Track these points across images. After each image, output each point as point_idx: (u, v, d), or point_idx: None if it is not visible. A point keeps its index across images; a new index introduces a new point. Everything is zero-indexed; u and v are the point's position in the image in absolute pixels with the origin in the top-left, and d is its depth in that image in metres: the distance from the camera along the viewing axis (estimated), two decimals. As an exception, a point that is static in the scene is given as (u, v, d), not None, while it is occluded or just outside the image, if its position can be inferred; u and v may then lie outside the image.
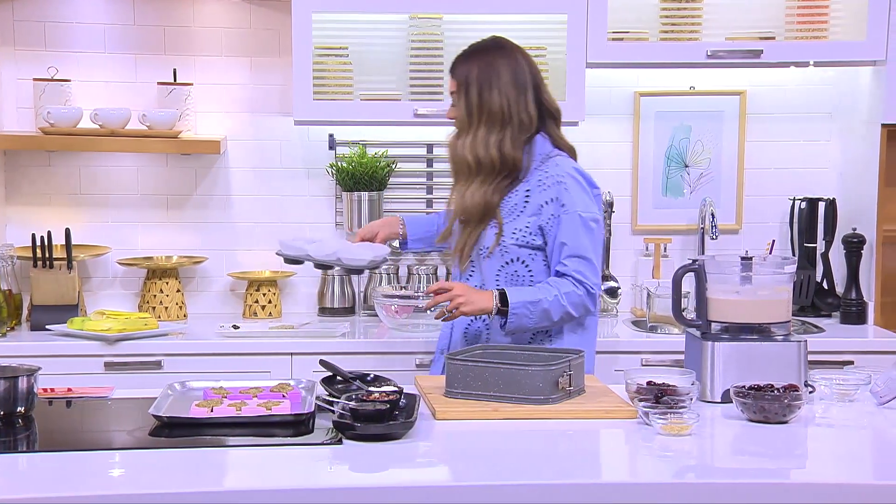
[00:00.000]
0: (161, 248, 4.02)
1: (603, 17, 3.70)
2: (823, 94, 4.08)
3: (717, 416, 2.44)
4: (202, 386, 2.57)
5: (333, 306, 3.98)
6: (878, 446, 2.39)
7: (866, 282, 3.85)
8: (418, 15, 3.85)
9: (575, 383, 2.50)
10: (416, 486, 2.01)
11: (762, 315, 2.58)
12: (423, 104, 3.78)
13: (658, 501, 1.99)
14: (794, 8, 3.83)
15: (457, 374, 2.50)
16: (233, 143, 4.03)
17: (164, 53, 3.96)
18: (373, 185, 3.94)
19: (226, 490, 2.00)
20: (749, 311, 2.58)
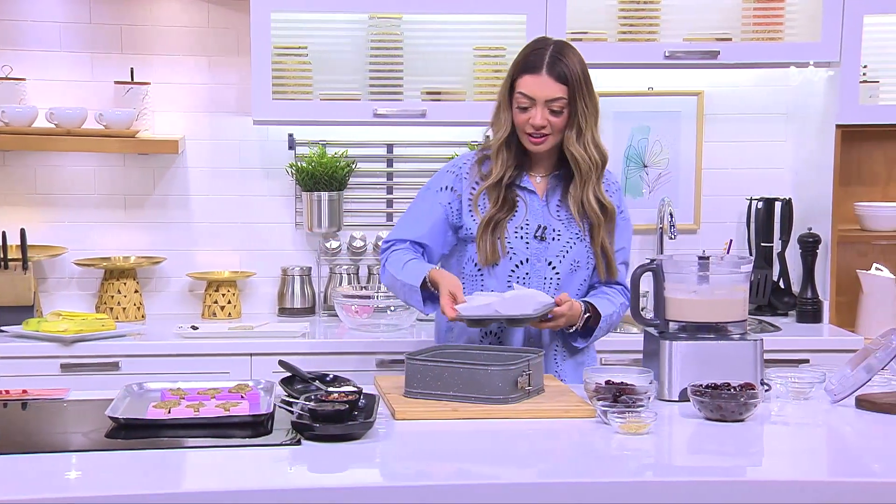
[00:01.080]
0: (118, 248, 3.98)
1: (562, 18, 3.72)
2: (779, 94, 4.12)
3: (675, 415, 2.46)
4: (160, 387, 2.55)
5: (293, 307, 3.97)
6: (832, 444, 2.41)
7: (822, 281, 3.89)
8: (377, 15, 3.85)
9: (534, 383, 2.49)
10: (375, 487, 2.01)
11: (719, 314, 2.60)
12: (383, 104, 3.78)
13: (616, 501, 1.99)
14: (751, 9, 3.87)
15: (416, 374, 2.49)
16: (191, 142, 4.00)
17: (121, 52, 3.92)
18: (332, 185, 3.93)
19: (184, 492, 1.98)
20: (706, 310, 2.60)
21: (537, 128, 2.78)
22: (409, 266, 2.81)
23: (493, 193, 2.84)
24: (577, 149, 2.80)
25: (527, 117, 2.78)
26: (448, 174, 2.91)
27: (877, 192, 4.10)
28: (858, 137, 3.97)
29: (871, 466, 2.19)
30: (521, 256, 2.83)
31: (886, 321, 3.75)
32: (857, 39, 3.73)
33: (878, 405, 2.48)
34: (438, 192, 2.89)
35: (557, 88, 2.76)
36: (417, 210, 2.92)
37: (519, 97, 2.79)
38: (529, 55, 2.81)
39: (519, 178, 2.86)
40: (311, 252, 4.06)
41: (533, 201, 2.86)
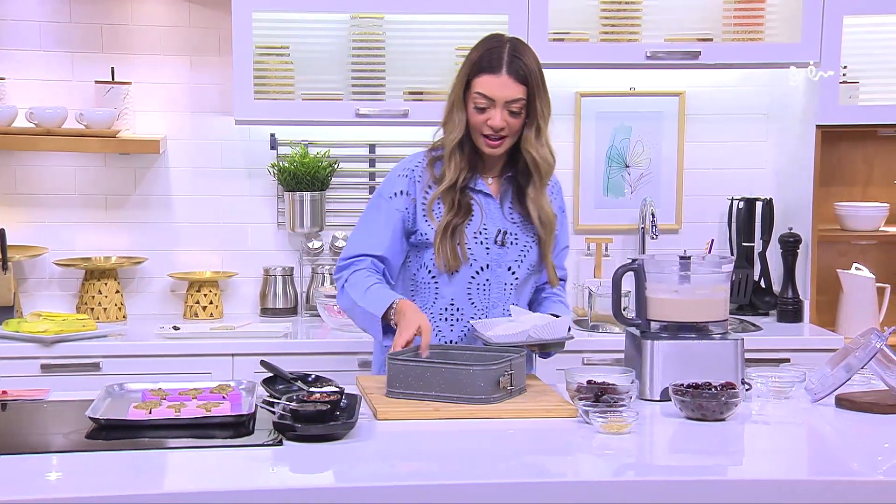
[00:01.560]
0: (99, 248, 3.97)
1: (544, 18, 3.72)
2: (760, 95, 4.14)
3: (656, 414, 2.46)
4: (141, 388, 2.54)
5: (275, 307, 3.96)
6: (812, 443, 2.43)
7: (802, 281, 3.91)
8: (359, 15, 3.84)
9: (516, 382, 2.49)
10: (357, 487, 2.01)
11: (700, 314, 2.61)
12: (365, 104, 3.78)
13: (598, 500, 2.00)
14: (731, 10, 3.88)
15: (398, 374, 2.47)
16: (172, 142, 3.99)
17: (102, 52, 3.91)
18: (315, 185, 3.93)
19: (165, 492, 1.98)
20: (687, 309, 2.61)
21: (496, 129, 2.70)
22: (373, 291, 2.69)
23: (447, 197, 2.74)
24: (536, 150, 2.74)
25: (485, 118, 2.70)
26: (401, 178, 2.79)
27: (856, 192, 4.12)
28: (838, 138, 4.00)
29: (850, 465, 2.20)
30: (481, 262, 2.76)
31: (866, 321, 3.78)
32: (837, 40, 3.75)
33: (857, 404, 2.49)
34: (392, 198, 2.78)
35: (518, 89, 2.69)
36: (373, 221, 2.79)
37: (477, 97, 2.70)
38: (486, 54, 2.71)
39: (473, 181, 2.79)
40: (294, 252, 4.05)
41: (489, 204, 2.79)
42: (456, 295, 2.77)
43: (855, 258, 4.07)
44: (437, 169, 2.79)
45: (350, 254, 2.79)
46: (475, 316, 2.78)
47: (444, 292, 2.77)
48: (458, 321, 2.79)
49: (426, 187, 2.78)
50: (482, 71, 2.71)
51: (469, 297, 2.78)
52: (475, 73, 2.72)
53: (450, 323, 2.79)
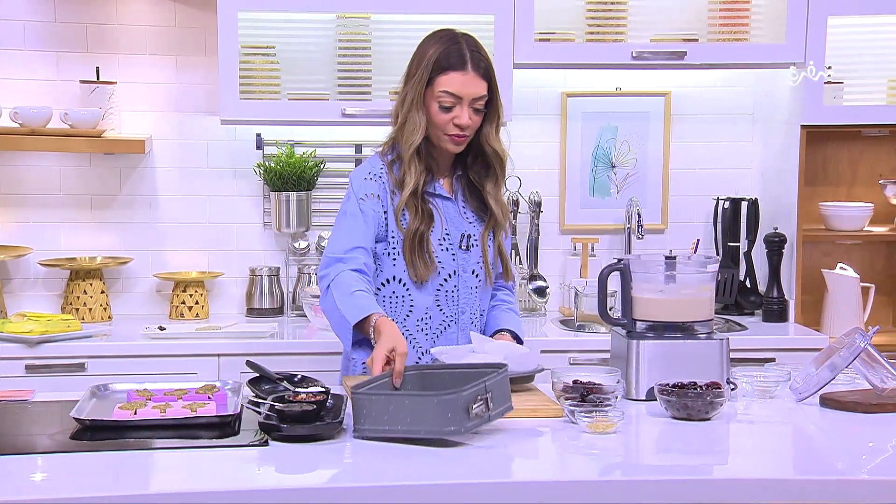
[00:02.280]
0: (85, 248, 3.95)
1: (530, 18, 3.73)
2: (745, 95, 4.15)
3: (642, 414, 2.47)
4: (126, 388, 2.53)
5: (262, 307, 3.96)
6: (797, 442, 2.43)
7: (787, 280, 3.92)
8: (346, 14, 3.84)
9: (496, 403, 2.22)
10: (343, 487, 2.01)
11: (686, 314, 2.62)
12: (351, 104, 3.77)
13: (583, 500, 2.00)
14: (717, 10, 3.89)
15: (362, 408, 2.23)
16: (158, 142, 3.98)
17: (87, 51, 3.90)
18: (301, 185, 3.92)
19: (150, 493, 1.98)
20: (673, 309, 2.62)
21: (463, 127, 2.66)
22: (356, 297, 2.56)
23: (410, 204, 2.68)
24: (496, 145, 2.73)
25: (450, 117, 2.65)
26: (369, 182, 2.71)
27: (841, 192, 4.14)
28: (823, 138, 4.01)
29: (835, 464, 2.21)
30: (448, 269, 2.72)
31: (850, 320, 3.79)
32: (822, 41, 3.76)
33: (841, 403, 2.50)
34: (366, 199, 2.69)
35: (482, 86, 2.65)
36: (354, 218, 2.68)
37: (442, 96, 2.64)
38: (447, 51, 2.66)
39: (430, 185, 2.73)
40: (280, 252, 4.05)
41: (447, 207, 2.75)
42: (427, 304, 2.73)
43: (840, 258, 4.08)
44: (396, 172, 2.72)
45: (340, 251, 2.65)
46: (443, 323, 2.75)
47: (418, 302, 2.72)
48: (432, 328, 2.75)
49: (391, 192, 2.71)
50: (447, 69, 2.65)
51: (438, 305, 2.73)
52: (438, 71, 2.65)
53: (425, 333, 2.75)
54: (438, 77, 2.66)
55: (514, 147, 3.96)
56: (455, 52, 2.67)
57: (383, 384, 2.36)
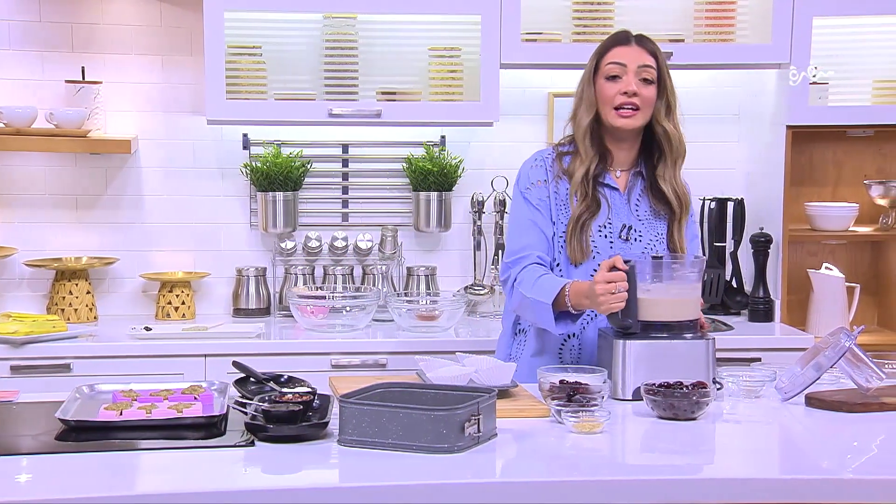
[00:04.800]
0: (70, 249, 3.94)
1: (516, 18, 3.73)
2: (731, 95, 4.16)
3: (629, 414, 2.47)
4: (111, 389, 2.53)
5: (248, 307, 3.95)
6: (783, 441, 2.44)
7: (773, 280, 3.94)
8: (332, 14, 3.84)
9: (485, 428, 2.20)
10: (329, 488, 2.01)
11: (674, 313, 2.61)
12: (338, 104, 3.77)
13: (570, 500, 2.00)
14: (703, 11, 3.90)
15: (351, 418, 2.17)
16: (144, 142, 3.97)
17: (72, 51, 3.88)
18: (288, 186, 3.92)
19: (136, 494, 1.97)
20: (661, 309, 2.61)
21: (629, 94, 2.73)
22: (542, 281, 2.69)
23: (580, 189, 2.77)
24: (668, 124, 2.78)
25: (617, 88, 2.74)
26: (535, 169, 2.83)
27: (826, 192, 4.15)
28: (808, 138, 4.02)
29: (820, 464, 2.22)
30: (604, 256, 2.73)
31: (836, 320, 3.80)
32: (807, 41, 3.78)
33: (827, 403, 2.51)
34: (531, 188, 2.80)
35: (648, 57, 2.76)
36: (522, 216, 2.80)
37: (609, 67, 2.75)
38: (613, 36, 2.83)
39: (601, 175, 2.81)
40: (266, 252, 4.04)
41: (615, 198, 2.82)
42: None
43: (825, 258, 4.10)
44: (566, 162, 2.82)
45: (514, 253, 2.79)
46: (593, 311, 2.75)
47: None
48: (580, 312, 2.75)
49: (557, 177, 2.81)
50: (613, 45, 2.79)
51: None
52: (604, 50, 2.80)
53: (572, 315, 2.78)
54: (604, 55, 2.79)
55: (501, 147, 4.02)
56: (620, 34, 2.84)
57: (374, 395, 2.33)
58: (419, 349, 3.43)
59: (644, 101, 2.75)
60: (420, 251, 4.11)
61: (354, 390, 2.31)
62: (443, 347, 3.39)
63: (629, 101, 2.74)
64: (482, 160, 4.08)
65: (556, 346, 2.82)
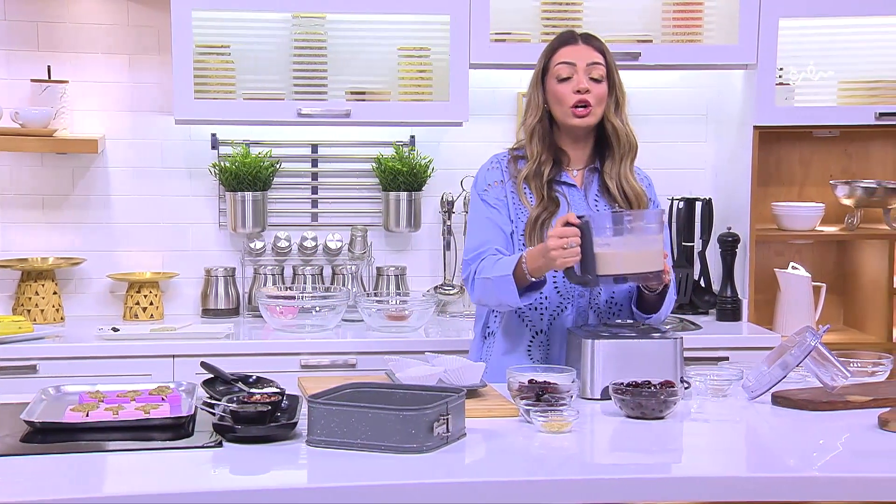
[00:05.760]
0: (36, 249, 3.91)
1: (485, 19, 3.73)
2: (698, 96, 4.19)
3: (597, 413, 2.48)
4: (78, 390, 2.51)
5: (217, 307, 3.93)
6: (750, 440, 2.46)
7: (741, 280, 3.96)
8: (301, 14, 3.83)
9: (454, 427, 2.20)
10: (298, 488, 2.00)
11: (633, 266, 2.58)
12: (307, 104, 3.76)
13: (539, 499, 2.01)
14: (671, 12, 3.92)
15: (319, 418, 2.17)
16: (112, 142, 3.94)
17: (38, 50, 3.85)
18: (257, 185, 3.91)
19: (103, 496, 1.96)
20: (620, 262, 2.57)
21: (581, 92, 2.75)
22: (501, 261, 2.72)
23: (536, 190, 2.80)
24: (617, 121, 2.80)
25: (569, 87, 2.77)
26: (492, 171, 2.88)
27: (793, 192, 4.18)
28: (775, 138, 4.06)
29: (786, 462, 2.23)
30: None
31: (802, 319, 3.83)
32: (773, 42, 3.81)
33: (793, 401, 2.53)
34: (488, 189, 2.84)
35: (597, 55, 2.80)
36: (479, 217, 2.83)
37: (558, 68, 2.79)
38: (559, 36, 2.87)
39: (558, 174, 2.83)
40: (235, 252, 4.02)
41: (573, 195, 2.83)
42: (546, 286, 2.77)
43: (791, 257, 4.13)
44: (521, 165, 2.85)
45: (473, 250, 2.81)
46: (561, 305, 2.79)
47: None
48: (547, 309, 2.81)
49: (512, 178, 2.84)
50: (560, 45, 2.83)
51: (556, 287, 2.80)
52: (552, 51, 2.83)
53: (539, 312, 2.81)
54: (553, 56, 2.83)
55: (470, 147, 4.02)
56: (567, 34, 2.88)
57: (343, 395, 2.33)
58: (389, 349, 3.43)
59: (596, 99, 2.78)
60: (390, 251, 4.10)
61: (323, 390, 2.30)
62: (413, 347, 3.38)
63: (582, 98, 2.76)
64: (452, 160, 4.08)
65: (524, 343, 2.83)
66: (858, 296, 4.13)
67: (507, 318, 2.86)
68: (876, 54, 4.01)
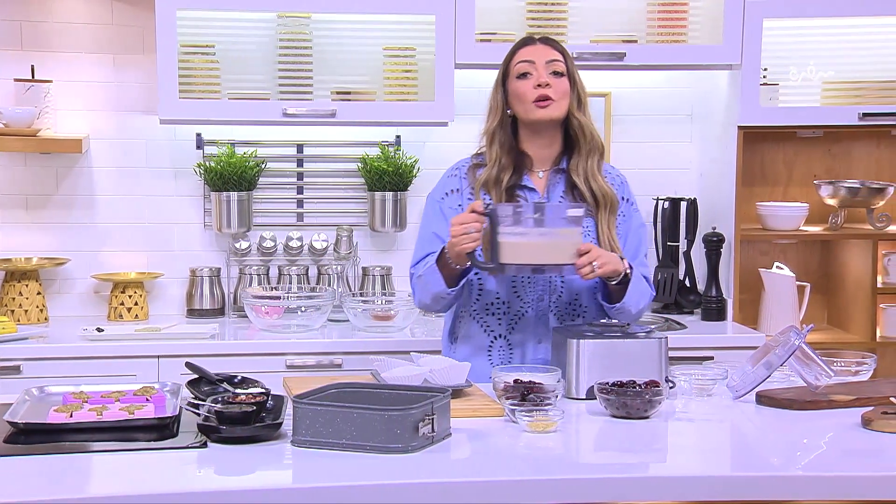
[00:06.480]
0: (20, 249, 3.89)
1: (471, 19, 3.74)
2: (683, 96, 4.20)
3: (582, 413, 2.49)
4: (62, 391, 2.50)
5: (202, 308, 3.92)
6: (734, 439, 2.47)
7: (725, 279, 3.97)
8: (286, 14, 3.82)
9: (439, 427, 2.21)
10: (283, 488, 2.00)
11: (538, 257, 2.58)
12: (292, 104, 3.76)
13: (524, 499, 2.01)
14: (655, 12, 3.93)
15: (304, 418, 2.17)
16: (96, 141, 3.93)
17: (22, 49, 3.84)
18: (242, 185, 3.90)
19: (88, 497, 1.95)
20: (524, 252, 2.58)
21: (542, 86, 2.74)
22: (430, 259, 2.75)
23: (494, 195, 2.78)
24: (582, 117, 2.80)
25: (529, 83, 2.77)
26: (451, 178, 2.88)
27: (777, 192, 4.20)
28: (760, 139, 4.07)
29: (770, 461, 2.24)
30: None
31: (786, 318, 3.85)
32: (758, 43, 3.82)
33: (777, 401, 2.54)
34: (444, 197, 2.85)
35: (556, 53, 2.80)
36: (430, 223, 2.84)
37: (518, 66, 2.78)
38: (519, 41, 2.88)
39: (518, 179, 2.82)
40: (221, 253, 4.02)
41: (534, 199, 2.81)
42: (501, 290, 2.79)
43: (776, 257, 4.15)
44: (479, 173, 2.84)
45: (417, 258, 2.83)
46: (521, 309, 2.79)
47: (489, 287, 2.80)
48: (506, 314, 2.81)
49: (471, 187, 2.84)
50: (519, 48, 2.83)
51: (515, 292, 2.79)
52: (511, 54, 2.83)
53: (497, 317, 2.82)
54: (513, 58, 2.83)
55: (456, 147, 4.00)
56: (525, 37, 2.91)
57: (328, 395, 2.32)
58: (374, 349, 3.44)
59: (558, 92, 2.77)
60: (375, 251, 4.10)
61: (308, 391, 2.30)
62: (398, 347, 3.39)
63: (543, 92, 2.76)
64: (437, 160, 4.07)
65: (485, 348, 2.83)
66: (842, 295, 4.14)
67: (467, 323, 2.86)
68: (859, 55, 4.03)
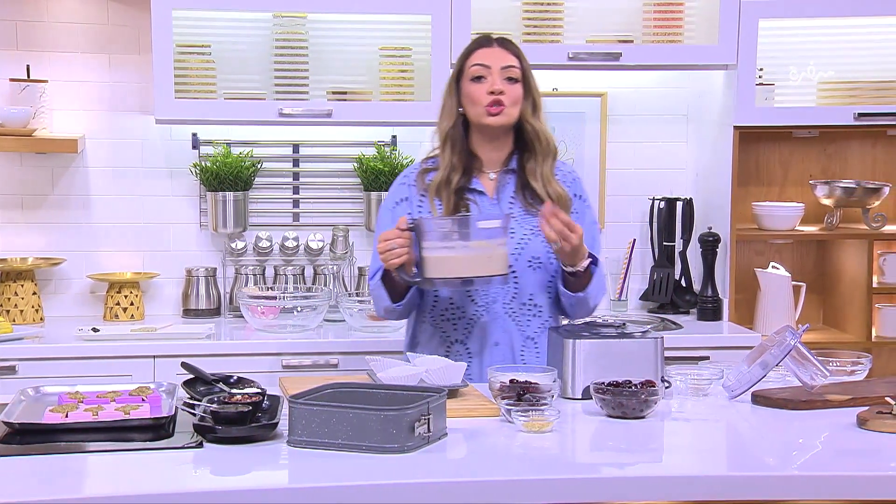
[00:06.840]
0: (16, 249, 3.89)
1: (466, 19, 3.74)
2: (679, 96, 4.20)
3: (578, 413, 2.49)
4: (57, 391, 2.50)
5: (198, 307, 3.92)
6: (730, 439, 2.47)
7: (721, 279, 3.98)
8: (282, 14, 3.82)
9: (435, 428, 2.21)
10: (279, 488, 2.00)
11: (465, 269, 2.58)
12: (288, 104, 3.76)
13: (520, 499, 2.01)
14: (651, 12, 3.94)
15: (300, 418, 2.17)
16: (91, 141, 3.93)
17: (17, 49, 3.84)
18: (238, 185, 3.90)
19: (83, 497, 1.95)
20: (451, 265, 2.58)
21: (496, 93, 2.74)
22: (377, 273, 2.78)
23: (445, 199, 2.78)
24: (536, 122, 2.79)
25: (483, 87, 2.75)
26: (401, 186, 2.88)
27: (773, 192, 4.20)
28: (755, 139, 4.07)
29: (766, 460, 2.24)
30: None
31: (782, 318, 3.85)
32: (753, 43, 3.82)
33: (772, 401, 2.54)
34: (396, 206, 2.85)
35: (511, 57, 2.78)
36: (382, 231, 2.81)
37: (473, 69, 2.77)
38: (475, 40, 2.85)
39: (467, 182, 2.81)
40: (217, 253, 4.01)
41: (483, 202, 2.81)
42: (455, 295, 2.79)
43: (772, 257, 4.15)
44: (429, 178, 2.83)
45: (372, 270, 2.84)
46: (476, 313, 2.80)
47: (443, 294, 2.80)
48: (461, 319, 2.82)
49: (420, 194, 2.83)
50: (475, 49, 2.81)
51: (469, 296, 2.80)
52: (467, 54, 2.82)
53: (452, 322, 2.82)
54: (468, 59, 2.81)
55: (452, 147, 4.01)
56: (482, 37, 2.86)
57: (324, 395, 2.32)
58: (370, 349, 3.44)
59: (511, 99, 2.77)
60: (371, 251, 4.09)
61: (304, 391, 2.30)
62: (394, 347, 3.38)
63: (496, 98, 2.75)
64: (433, 160, 4.08)
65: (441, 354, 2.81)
66: (838, 295, 4.15)
67: (425, 330, 2.87)
68: (855, 55, 4.03)
